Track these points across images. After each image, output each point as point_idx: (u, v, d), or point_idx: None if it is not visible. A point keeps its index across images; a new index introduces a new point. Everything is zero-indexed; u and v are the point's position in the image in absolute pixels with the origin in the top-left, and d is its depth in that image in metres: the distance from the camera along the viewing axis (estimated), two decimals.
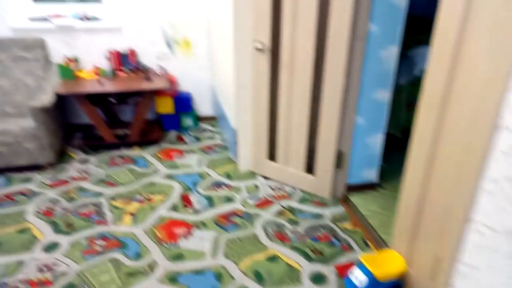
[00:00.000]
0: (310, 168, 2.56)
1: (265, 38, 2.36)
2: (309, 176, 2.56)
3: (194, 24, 3.45)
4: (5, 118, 2.96)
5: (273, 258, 2.05)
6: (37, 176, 2.80)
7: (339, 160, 2.42)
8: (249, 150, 2.80)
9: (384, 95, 2.29)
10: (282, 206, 2.48)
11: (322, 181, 2.51)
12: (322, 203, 2.53)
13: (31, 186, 2.68)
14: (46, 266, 1.97)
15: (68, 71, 3.12)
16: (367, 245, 2.16)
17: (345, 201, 2.52)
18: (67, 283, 1.87)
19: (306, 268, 1.99)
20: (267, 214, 2.40)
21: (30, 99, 3.06)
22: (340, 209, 2.46)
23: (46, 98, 2.77)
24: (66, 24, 3.17)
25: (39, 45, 3.09)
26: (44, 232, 2.23)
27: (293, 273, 1.95)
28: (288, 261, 2.03)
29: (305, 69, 2.28)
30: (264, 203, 2.51)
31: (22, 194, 2.59)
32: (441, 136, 1.48)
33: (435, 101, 1.49)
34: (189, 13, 3.40)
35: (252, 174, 2.85)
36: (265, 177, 2.81)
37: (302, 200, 2.55)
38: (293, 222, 2.33)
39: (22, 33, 3.15)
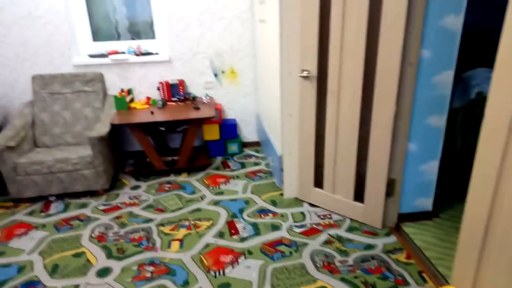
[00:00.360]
0: (359, 195, 2.47)
1: (312, 67, 2.37)
2: (358, 204, 2.47)
3: (240, 54, 3.57)
4: (66, 147, 3.18)
5: None
6: (92, 202, 2.95)
7: (391, 187, 2.32)
8: (295, 177, 2.77)
9: (439, 121, 2.18)
10: (330, 235, 2.40)
11: (372, 209, 2.41)
12: (372, 232, 2.41)
13: (87, 212, 2.82)
14: None
15: (122, 102, 3.31)
16: (424, 279, 2.01)
17: (397, 231, 2.39)
18: None
19: None
20: (315, 243, 2.33)
21: (88, 129, 3.27)
22: (392, 240, 2.33)
23: (102, 129, 2.95)
24: (122, 59, 3.40)
25: (98, 79, 3.34)
26: (97, 257, 2.31)
27: None
28: None
29: (353, 95, 2.24)
30: (311, 232, 2.45)
31: (78, 219, 2.73)
32: (509, 160, 1.37)
33: (500, 126, 1.39)
34: (236, 44, 3.52)
35: (298, 201, 2.81)
36: (312, 205, 2.75)
37: (351, 229, 2.45)
38: (342, 252, 2.23)
39: (83, 69, 3.42)
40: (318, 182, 2.66)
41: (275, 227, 2.51)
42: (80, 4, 3.37)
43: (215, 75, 3.61)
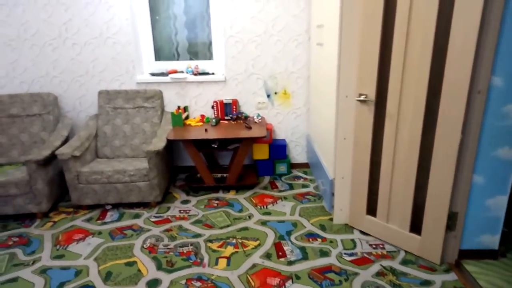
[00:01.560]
0: (416, 227, 2.34)
1: (370, 91, 2.33)
2: (415, 236, 2.34)
3: (294, 76, 3.60)
4: (124, 159, 3.36)
5: None
6: (144, 213, 3.06)
7: (452, 221, 2.18)
8: (346, 202, 2.69)
9: (509, 153, 2.03)
10: (383, 266, 2.28)
11: (431, 243, 2.27)
12: (430, 267, 2.26)
13: (139, 222, 2.92)
14: None
15: (178, 119, 3.45)
16: None
17: (458, 268, 2.22)
18: None
19: None
20: (366, 274, 2.22)
21: (146, 143, 3.43)
22: (452, 277, 2.17)
23: (159, 143, 3.08)
24: (181, 78, 3.57)
25: (157, 96, 3.52)
26: (148, 267, 2.37)
27: None
28: None
29: (413, 121, 2.16)
30: (362, 261, 2.35)
31: (132, 229, 2.84)
32: None
33: None
34: (290, 66, 3.57)
35: (348, 228, 2.72)
36: (363, 232, 2.65)
37: (406, 262, 2.32)
38: (396, 286, 2.11)
39: (144, 86, 3.63)
40: (371, 209, 2.57)
41: (324, 253, 2.44)
42: (146, 26, 3.61)
43: (268, 95, 3.66)
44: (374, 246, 2.49)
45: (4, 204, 2.92)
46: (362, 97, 2.36)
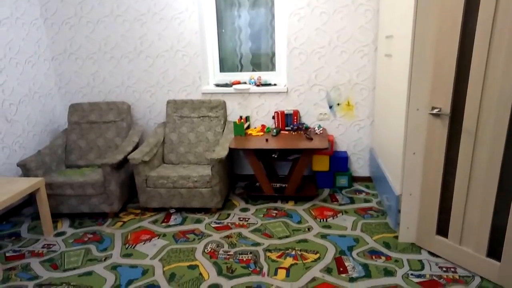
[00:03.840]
0: (494, 251, 2.14)
1: (445, 104, 2.20)
2: (493, 262, 2.14)
3: (358, 87, 3.53)
4: (188, 165, 3.50)
5: None
6: (206, 218, 3.15)
7: None
8: (413, 220, 2.55)
9: None
10: None
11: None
12: None
13: (201, 227, 3.02)
14: None
15: (240, 128, 3.53)
16: None
17: None
18: None
19: None
20: None
21: (208, 151, 3.55)
22: None
23: (222, 152, 3.18)
24: (243, 88, 3.66)
25: (221, 106, 3.63)
26: (209, 272, 2.43)
27: None
28: None
29: (495, 138, 2.00)
30: (431, 284, 2.20)
31: (194, 233, 2.93)
32: None
33: None
34: (354, 77, 3.51)
35: (415, 248, 2.57)
36: (432, 254, 2.49)
37: None
38: None
39: (209, 96, 3.77)
40: (442, 229, 2.40)
41: (389, 272, 2.33)
42: (213, 39, 3.77)
43: (330, 107, 3.62)
44: (444, 269, 2.33)
45: (81, 203, 3.18)
46: (435, 111, 2.24)
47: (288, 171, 3.83)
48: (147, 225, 3.08)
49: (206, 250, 2.68)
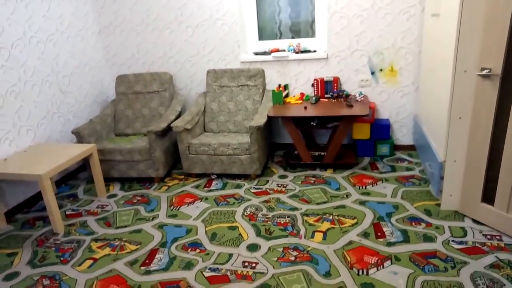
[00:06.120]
0: None
1: (496, 64, 2.06)
2: None
3: (403, 51, 3.37)
4: (228, 133, 3.59)
5: None
6: (245, 184, 3.25)
7: None
8: (457, 188, 2.47)
9: None
10: (499, 259, 2.06)
11: None
12: None
13: (241, 192, 3.12)
14: (249, 263, 2.24)
15: (279, 97, 3.53)
16: None
17: None
18: (264, 282, 2.06)
19: None
20: (477, 264, 2.03)
21: (247, 120, 3.61)
22: None
23: (260, 119, 3.21)
24: (282, 56, 3.63)
25: (260, 75, 3.64)
26: (248, 233, 2.54)
27: None
28: None
29: None
30: (473, 251, 2.15)
31: (234, 197, 3.05)
32: None
33: None
34: (399, 41, 3.35)
35: (458, 215, 2.50)
36: (476, 221, 2.41)
37: None
38: None
39: (248, 65, 3.78)
40: (487, 197, 2.31)
41: (428, 238, 2.30)
42: (251, 7, 3.74)
43: (372, 73, 3.50)
44: (489, 236, 2.25)
45: (130, 168, 3.40)
46: (485, 72, 2.11)
47: (327, 140, 3.80)
48: (190, 189, 3.24)
49: (245, 213, 2.78)
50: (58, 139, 3.50)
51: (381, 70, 3.47)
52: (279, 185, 3.18)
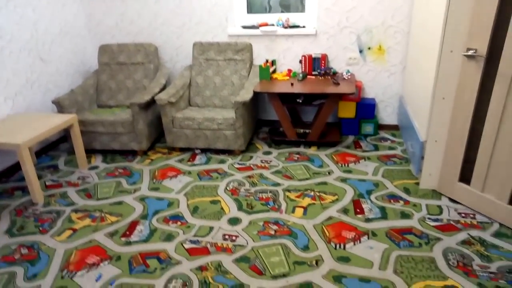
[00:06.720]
0: None
1: (481, 45, 2.06)
2: None
3: (392, 30, 3.34)
4: (213, 108, 3.55)
5: None
6: (229, 159, 3.25)
7: None
8: (436, 167, 2.51)
9: None
10: (471, 236, 2.13)
11: None
12: None
13: (224, 167, 3.12)
14: (229, 236, 2.26)
15: (266, 72, 3.49)
16: None
17: None
18: (243, 255, 2.09)
19: None
20: (450, 240, 2.10)
21: (233, 95, 3.57)
22: None
23: (246, 95, 3.18)
24: (271, 30, 3.56)
25: (247, 49, 3.58)
26: (230, 207, 2.56)
27: None
28: None
29: None
30: (447, 228, 2.21)
31: (217, 172, 3.04)
32: None
33: None
34: (389, 19, 3.31)
35: (435, 194, 2.55)
36: (452, 200, 2.47)
37: (499, 235, 2.12)
38: (483, 257, 1.96)
39: (235, 39, 3.71)
40: (464, 176, 2.36)
41: (405, 215, 2.35)
42: None
43: (360, 51, 3.47)
44: (463, 215, 2.32)
45: (112, 140, 3.35)
46: (470, 52, 2.11)
47: (312, 118, 3.80)
48: (173, 163, 3.22)
49: (228, 188, 2.79)
50: (38, 109, 3.41)
51: (369, 48, 3.45)
52: (263, 161, 3.18)
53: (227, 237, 2.25)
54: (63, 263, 2.10)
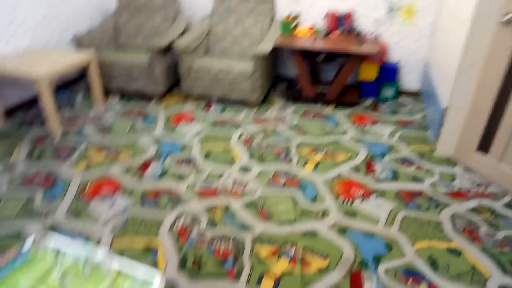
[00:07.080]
0: None
1: None
2: None
3: None
4: (232, 58, 3.48)
5: (455, 252, 1.80)
6: (244, 111, 3.23)
7: None
8: (455, 135, 2.46)
9: None
10: (481, 204, 2.12)
11: None
12: None
13: (239, 118, 3.11)
14: (239, 182, 2.29)
15: (288, 27, 3.38)
16: None
17: None
18: (251, 201, 2.13)
19: (496, 278, 1.67)
20: (459, 207, 2.10)
21: (253, 46, 3.48)
22: None
23: (266, 47, 3.10)
24: None
25: (270, 1, 3.44)
26: (242, 156, 2.58)
27: (476, 276, 1.67)
28: (474, 261, 1.74)
29: None
30: (458, 195, 2.20)
31: (232, 121, 3.04)
32: None
33: None
34: None
35: (450, 162, 2.52)
36: (467, 169, 2.44)
37: (510, 206, 2.11)
38: (491, 225, 1.96)
39: None
40: (483, 146, 2.31)
41: (417, 179, 2.34)
42: None
43: (390, 11, 3.31)
44: (476, 184, 2.30)
45: (129, 82, 3.35)
46: (508, 16, 1.99)
47: (332, 78, 3.72)
48: (188, 109, 3.23)
49: (241, 138, 2.80)
50: (56, 46, 3.40)
51: (399, 9, 3.29)
52: (279, 116, 3.16)
53: (237, 183, 2.28)
54: (79, 192, 2.17)
